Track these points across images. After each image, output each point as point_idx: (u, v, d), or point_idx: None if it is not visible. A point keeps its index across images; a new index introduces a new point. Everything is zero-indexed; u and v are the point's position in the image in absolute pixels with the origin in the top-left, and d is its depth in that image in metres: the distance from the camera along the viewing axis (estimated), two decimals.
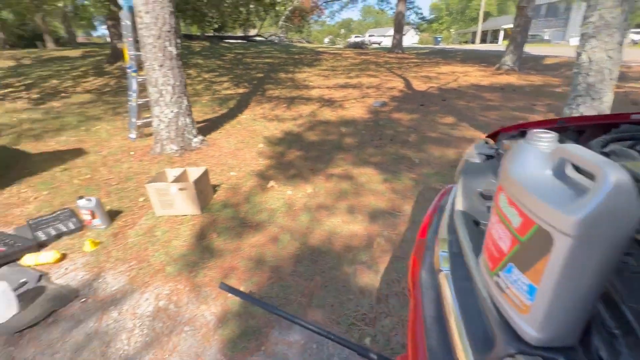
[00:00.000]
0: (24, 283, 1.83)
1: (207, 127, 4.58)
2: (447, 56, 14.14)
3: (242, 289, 1.80)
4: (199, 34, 18.75)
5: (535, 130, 0.47)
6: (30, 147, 4.14)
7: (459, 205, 0.85)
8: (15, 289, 1.71)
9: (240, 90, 7.29)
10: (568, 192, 0.40)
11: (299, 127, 4.55)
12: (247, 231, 2.28)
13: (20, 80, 9.19)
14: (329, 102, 5.95)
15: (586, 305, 0.43)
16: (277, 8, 15.28)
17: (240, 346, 1.47)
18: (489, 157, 1.17)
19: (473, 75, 8.27)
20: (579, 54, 2.83)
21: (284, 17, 22.55)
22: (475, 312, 0.62)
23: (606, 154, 0.91)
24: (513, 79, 7.64)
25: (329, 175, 3.04)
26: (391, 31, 17.14)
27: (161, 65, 3.34)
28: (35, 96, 7.24)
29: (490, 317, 0.55)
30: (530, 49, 16.77)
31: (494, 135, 1.36)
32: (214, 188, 2.84)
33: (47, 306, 1.67)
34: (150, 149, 3.75)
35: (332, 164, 3.28)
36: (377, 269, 1.90)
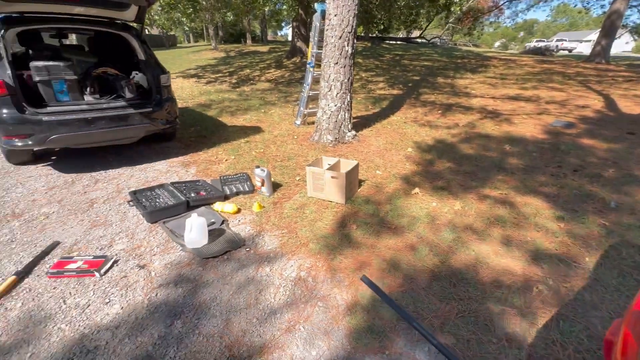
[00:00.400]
0: (213, 223, 2.38)
1: (359, 124, 4.81)
2: None
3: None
4: (362, 34, 19.75)
5: None
6: (226, 120, 5.33)
7: None
8: (207, 226, 2.24)
9: (395, 92, 7.31)
10: None
11: (453, 137, 4.22)
12: (385, 232, 2.29)
13: (227, 68, 11.92)
14: (493, 114, 5.27)
15: None
16: (451, 9, 14.43)
17: (364, 341, 1.50)
18: None
19: None
20: None
21: (453, 18, 21.15)
22: None
23: None
24: None
25: (483, 196, 2.71)
26: (591, 35, 13.60)
27: (336, 63, 3.67)
28: (234, 81, 9.26)
29: None
30: None
31: None
32: (360, 182, 2.96)
33: (225, 246, 2.13)
34: (310, 136, 4.23)
35: (489, 184, 2.91)
36: (533, 320, 1.58)
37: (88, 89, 3.50)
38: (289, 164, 3.48)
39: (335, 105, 3.85)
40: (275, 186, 2.97)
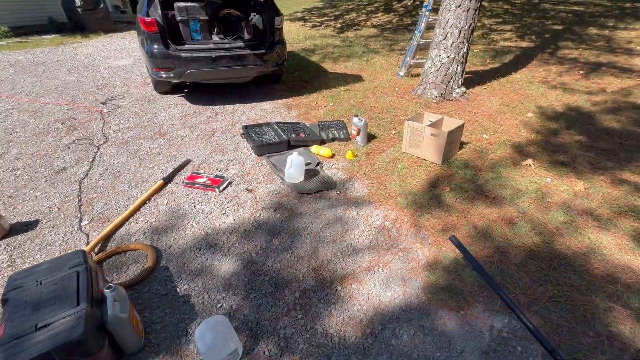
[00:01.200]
0: (309, 163, 2.58)
1: (472, 80, 4.28)
2: None
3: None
4: None
5: None
6: (329, 66, 5.36)
7: None
8: (305, 165, 2.44)
9: (524, 44, 6.14)
10: None
11: (593, 105, 3.45)
12: (481, 199, 2.15)
13: (333, 11, 11.58)
14: None
15: None
16: None
17: (440, 297, 1.54)
18: None
19: None
20: None
21: None
22: None
23: None
24: None
25: (619, 180, 2.24)
26: None
27: (458, 6, 3.23)
28: (339, 26, 9.01)
29: None
30: None
31: None
32: (461, 145, 2.75)
33: (319, 185, 2.32)
34: (412, 89, 3.98)
35: (630, 167, 2.38)
36: None
37: (215, 29, 3.89)
38: (386, 117, 3.40)
39: (448, 57, 3.47)
40: (370, 137, 2.98)
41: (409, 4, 10.96)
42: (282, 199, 2.22)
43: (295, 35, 7.93)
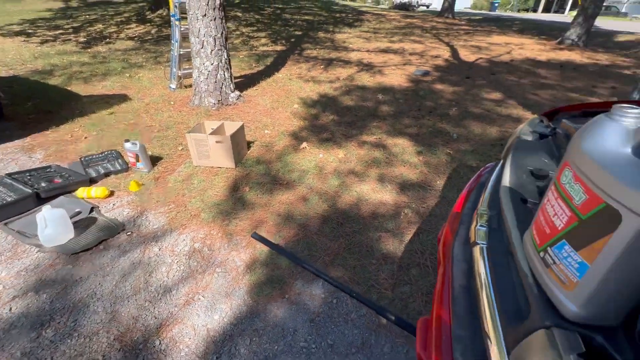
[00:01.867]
0: (79, 212, 2.03)
1: (244, 84, 4.58)
2: (503, 25, 12.83)
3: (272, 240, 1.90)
4: None
5: (621, 104, 0.43)
6: (79, 89, 4.37)
7: (507, 182, 0.82)
8: (71, 217, 1.90)
9: (278, 48, 7.12)
10: None
11: (335, 91, 4.44)
12: (278, 188, 2.35)
13: (69, 22, 9.48)
14: (368, 67, 5.70)
15: (637, 289, 0.42)
16: None
17: (265, 292, 1.59)
18: (543, 136, 1.10)
19: (529, 49, 7.53)
20: None
21: None
22: (509, 285, 0.62)
23: None
24: (576, 56, 6.88)
25: (362, 142, 3.00)
26: None
27: (204, 15, 3.30)
28: (83, 40, 7.49)
29: (528, 291, 0.55)
30: (600, 22, 14.75)
31: (550, 114, 1.27)
32: (249, 144, 2.91)
33: (98, 235, 1.86)
34: (189, 100, 3.85)
35: (366, 131, 3.22)
36: (402, 238, 1.92)
37: None
38: (168, 134, 3.13)
39: (212, 64, 3.54)
40: (155, 160, 2.67)
41: (165, 14, 10.44)
42: (46, 272, 1.64)
43: (17, 55, 5.99)
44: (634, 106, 0.42)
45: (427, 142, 3.02)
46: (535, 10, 35.91)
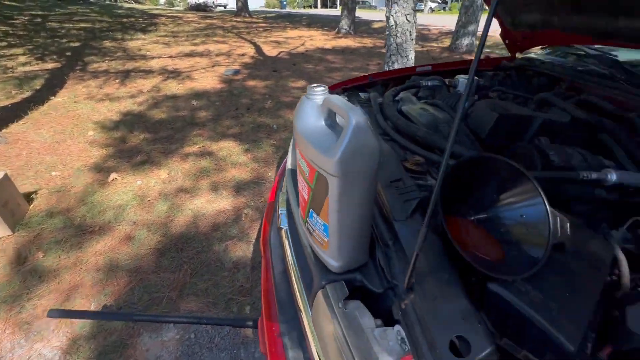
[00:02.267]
0: None
1: (3, 119, 3.41)
2: (294, 20, 14.43)
3: (92, 306, 1.52)
4: None
5: (311, 85, 0.51)
6: None
7: (289, 164, 0.90)
8: None
9: (49, 65, 5.63)
10: (334, 138, 0.46)
11: (140, 106, 3.91)
12: (89, 238, 1.90)
13: None
14: (175, 74, 5.29)
15: (364, 230, 0.52)
16: None
17: None
18: None
19: (318, 40, 8.77)
20: (387, 18, 3.35)
21: None
22: (303, 258, 0.68)
23: (397, 101, 1.12)
24: (350, 42, 8.50)
25: (185, 155, 2.78)
26: None
27: None
28: None
29: (309, 260, 0.61)
30: (361, 13, 18.82)
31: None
32: (29, 197, 2.20)
33: None
34: None
35: (187, 142, 3.01)
36: (248, 239, 1.91)
37: None
38: None
39: None
40: None
41: None
42: None
43: None
44: (320, 85, 0.51)
45: (251, 138, 3.09)
46: (315, 7, 42.14)
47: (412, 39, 3.34)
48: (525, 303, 0.45)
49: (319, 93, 0.50)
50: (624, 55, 1.21)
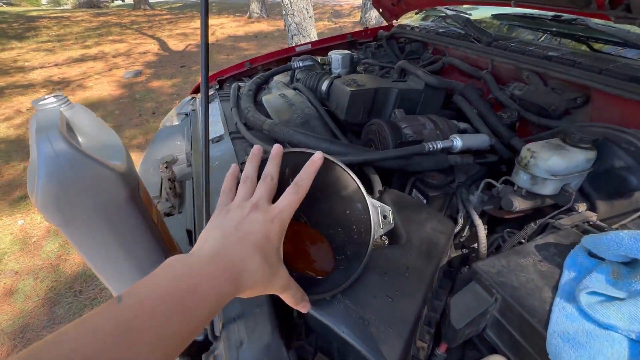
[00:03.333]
0: None
1: None
2: None
3: None
4: None
5: (38, 99, 0.38)
6: None
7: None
8: None
9: None
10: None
11: (18, 129, 3.31)
12: None
13: None
14: (63, 84, 4.58)
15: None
16: None
17: None
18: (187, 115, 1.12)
19: (229, 27, 8.26)
20: None
21: None
22: None
23: (263, 89, 1.02)
24: (264, 26, 8.14)
25: None
26: None
27: None
28: None
29: None
30: None
31: (197, 90, 1.33)
32: None
33: None
34: None
35: None
36: None
37: None
38: None
39: None
40: None
41: None
42: None
43: None
44: (54, 95, 0.39)
45: None
46: None
47: (311, 17, 3.24)
48: (339, 323, 0.39)
49: (49, 106, 0.37)
50: (477, 13, 1.24)
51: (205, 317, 0.27)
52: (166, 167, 0.77)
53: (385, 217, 0.46)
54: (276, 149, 0.40)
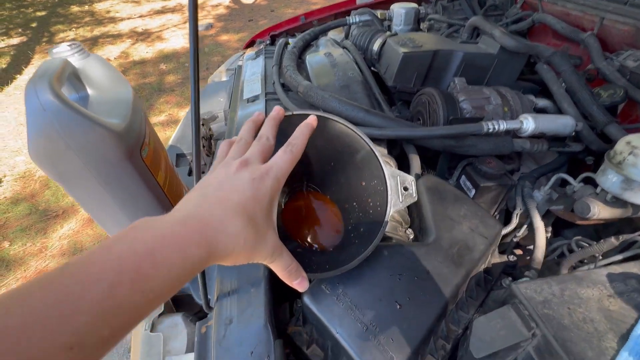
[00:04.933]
0: None
1: None
2: None
3: None
4: None
5: (54, 46, 0.37)
6: None
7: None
8: None
9: (14, 41, 5.35)
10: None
11: None
12: (53, 223, 1.89)
13: None
14: (145, 36, 4.93)
15: None
16: None
17: None
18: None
19: None
20: None
21: None
22: None
23: (311, 46, 0.94)
24: None
25: (153, 125, 2.65)
26: None
27: None
28: None
29: None
30: None
31: (250, 45, 1.29)
32: None
33: None
34: None
35: (154, 111, 2.86)
36: None
37: None
38: None
39: None
40: None
41: None
42: None
43: None
44: (69, 42, 0.37)
45: None
46: None
47: None
48: (335, 321, 0.34)
49: (62, 54, 0.36)
50: None
51: (167, 284, 0.23)
52: (202, 125, 0.77)
53: (406, 188, 0.39)
54: (276, 110, 0.36)
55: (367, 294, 0.36)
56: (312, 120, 0.35)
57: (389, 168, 0.37)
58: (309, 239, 0.40)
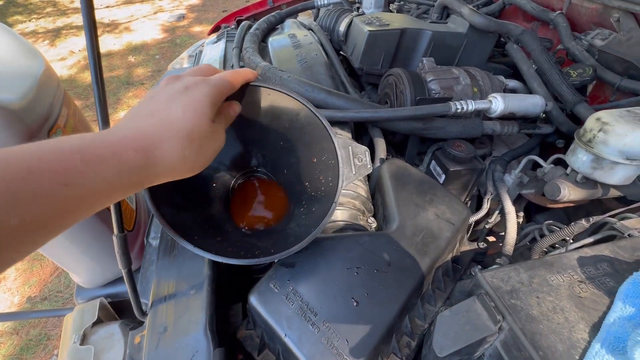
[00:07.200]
0: None
1: None
2: None
3: (16, 299, 1.43)
4: None
5: None
6: None
7: None
8: None
9: None
10: None
11: (70, 69, 3.49)
12: None
13: None
14: (111, 26, 4.69)
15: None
16: None
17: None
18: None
19: None
20: None
21: None
22: None
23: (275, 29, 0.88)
24: None
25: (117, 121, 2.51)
26: None
27: None
28: None
29: None
30: None
31: (215, 30, 1.22)
32: None
33: None
34: None
35: (121, 105, 2.71)
36: None
37: None
38: None
39: None
40: None
41: None
42: None
43: None
44: None
45: None
46: None
47: None
48: (283, 324, 0.30)
49: None
50: None
51: (101, 185, 0.22)
52: None
53: (360, 159, 0.35)
54: (250, 70, 0.36)
55: (320, 291, 0.32)
56: (251, 72, 0.34)
57: (339, 138, 0.34)
58: (253, 224, 0.38)
